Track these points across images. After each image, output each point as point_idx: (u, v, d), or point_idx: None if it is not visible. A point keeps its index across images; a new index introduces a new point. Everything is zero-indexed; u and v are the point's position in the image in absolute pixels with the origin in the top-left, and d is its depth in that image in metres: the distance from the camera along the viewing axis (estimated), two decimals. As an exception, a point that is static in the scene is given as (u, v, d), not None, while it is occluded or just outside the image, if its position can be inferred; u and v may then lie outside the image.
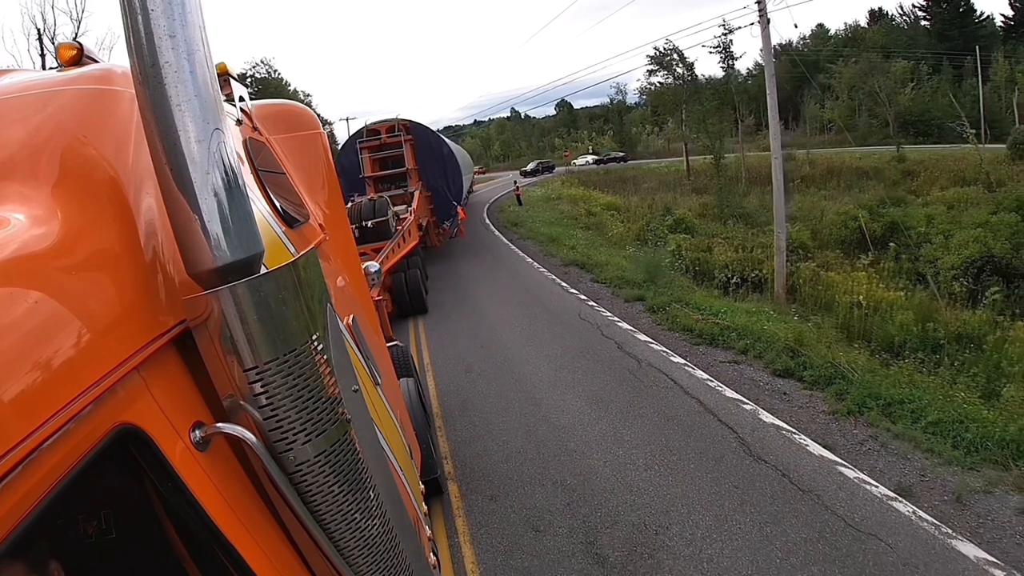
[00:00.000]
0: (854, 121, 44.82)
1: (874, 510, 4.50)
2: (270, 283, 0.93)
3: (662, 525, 4.56)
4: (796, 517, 4.47)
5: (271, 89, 41.72)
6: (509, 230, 21.88)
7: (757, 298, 12.17)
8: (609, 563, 4.22)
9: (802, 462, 5.19)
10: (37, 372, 0.65)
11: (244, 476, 0.99)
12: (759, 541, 4.26)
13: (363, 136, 16.91)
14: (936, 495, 4.71)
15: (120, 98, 1.06)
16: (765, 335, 8.10)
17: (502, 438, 6.26)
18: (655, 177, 38.82)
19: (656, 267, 12.55)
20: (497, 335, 9.69)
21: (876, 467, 5.11)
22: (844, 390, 6.42)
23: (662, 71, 38.42)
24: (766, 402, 6.43)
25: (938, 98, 41.87)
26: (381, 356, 2.81)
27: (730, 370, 7.36)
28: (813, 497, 4.69)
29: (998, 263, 14.54)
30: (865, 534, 4.23)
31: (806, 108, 50.14)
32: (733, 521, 4.50)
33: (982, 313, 10.44)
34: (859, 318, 9.75)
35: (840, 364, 6.95)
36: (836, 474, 4.99)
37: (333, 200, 2.79)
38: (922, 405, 5.92)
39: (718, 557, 4.16)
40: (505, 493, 5.27)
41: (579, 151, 65.32)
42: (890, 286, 11.81)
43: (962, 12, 48.93)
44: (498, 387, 7.55)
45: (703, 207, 25.69)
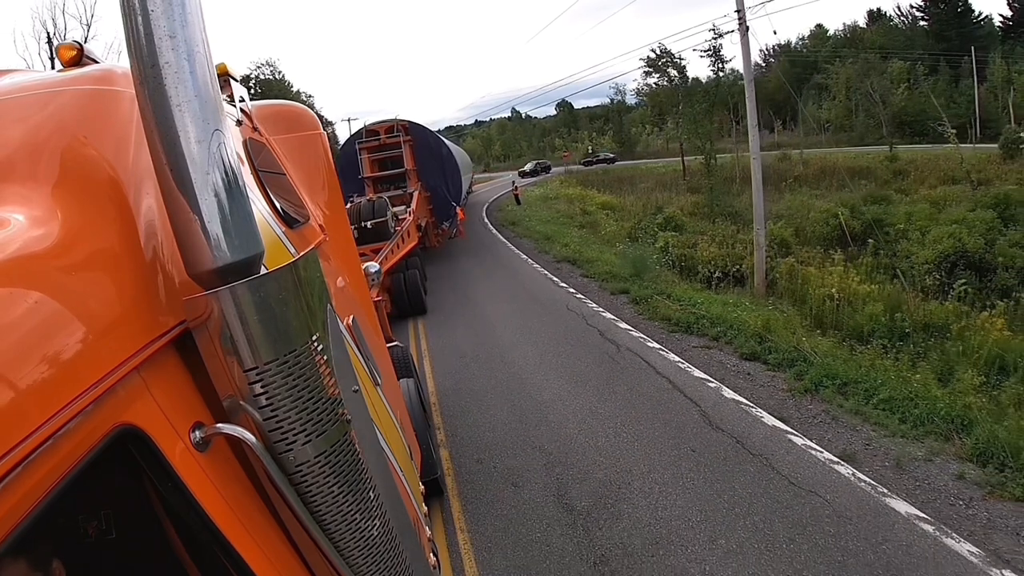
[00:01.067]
0: (851, 121, 44.94)
1: (816, 472, 4.98)
2: (270, 284, 0.93)
3: (625, 481, 5.14)
4: (744, 476, 4.99)
5: (275, 90, 41.92)
6: (506, 228, 22.50)
7: (738, 291, 12.76)
8: (576, 512, 4.84)
9: (755, 431, 5.72)
10: (37, 372, 0.65)
11: (244, 476, 0.99)
12: (709, 495, 4.80)
13: (362, 137, 16.87)
14: (878, 461, 5.15)
15: (120, 98, 1.06)
16: (737, 323, 8.64)
17: (489, 412, 6.88)
18: (653, 177, 39.21)
19: (642, 263, 13.07)
20: (490, 324, 10.37)
21: (825, 436, 5.61)
22: (804, 371, 6.88)
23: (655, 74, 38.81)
24: (730, 381, 6.96)
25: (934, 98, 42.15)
26: (381, 356, 2.81)
27: (701, 354, 7.95)
28: (762, 460, 5.21)
29: (971, 258, 15.08)
30: (805, 491, 4.72)
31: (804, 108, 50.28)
32: (688, 479, 5.07)
33: (949, 304, 10.99)
34: (831, 309, 10.33)
35: (803, 348, 7.47)
36: (785, 441, 5.51)
37: (333, 200, 2.79)
38: (876, 385, 6.32)
39: (671, 507, 4.73)
40: (490, 456, 5.90)
41: (579, 151, 65.40)
42: (865, 280, 12.29)
43: (960, 12, 48.96)
44: (488, 369, 8.20)
45: (694, 206, 26.32)
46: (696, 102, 32.10)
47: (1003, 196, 19.25)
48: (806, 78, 51.14)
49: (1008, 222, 17.39)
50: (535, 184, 42.59)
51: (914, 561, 3.93)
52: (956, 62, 42.99)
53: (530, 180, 48.19)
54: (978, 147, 31.38)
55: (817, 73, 48.29)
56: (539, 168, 56.23)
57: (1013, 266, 14.45)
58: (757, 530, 4.35)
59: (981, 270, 14.66)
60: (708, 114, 31.09)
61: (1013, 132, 28.34)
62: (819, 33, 59.36)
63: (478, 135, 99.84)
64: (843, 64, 44.88)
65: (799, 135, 45.83)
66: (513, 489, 5.27)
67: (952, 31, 47.26)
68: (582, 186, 36.31)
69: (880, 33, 52.42)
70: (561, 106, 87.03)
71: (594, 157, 57.07)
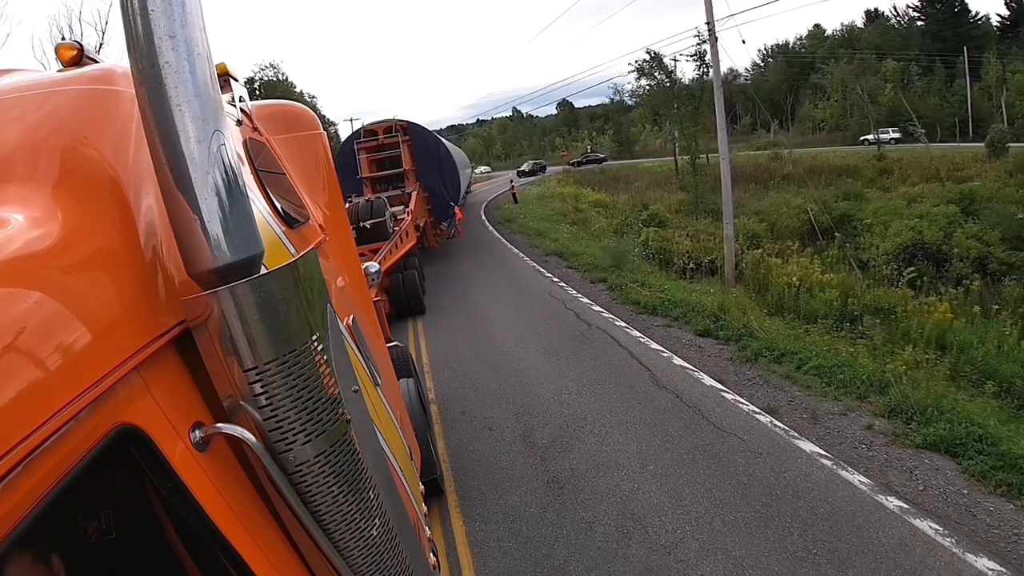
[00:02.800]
0: (846, 121, 45.10)
1: (740, 420, 5.94)
2: (270, 283, 0.92)
3: (579, 426, 6.22)
4: (678, 422, 6.04)
5: (278, 92, 42.18)
6: (502, 225, 23.52)
7: (710, 281, 13.86)
8: (537, 447, 5.97)
9: (694, 389, 6.74)
10: (37, 372, 0.65)
11: (244, 476, 0.99)
12: (646, 435, 5.86)
13: (360, 137, 16.82)
14: (796, 414, 6.05)
15: (120, 98, 1.06)
16: (696, 305, 9.78)
17: (474, 377, 8.02)
18: (648, 176, 39.85)
19: (622, 255, 14.15)
20: (480, 309, 11.51)
21: (754, 395, 6.53)
22: (748, 345, 7.84)
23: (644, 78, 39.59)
24: (682, 352, 8.00)
25: (927, 98, 42.43)
26: (381, 357, 2.81)
27: (661, 331, 9.03)
28: (695, 410, 6.22)
29: (928, 249, 16.11)
30: (727, 433, 5.69)
31: (801, 108, 50.43)
32: (631, 424, 6.11)
33: (898, 291, 11.95)
34: (791, 295, 11.31)
35: (752, 326, 8.47)
36: (718, 397, 6.50)
37: (333, 200, 2.79)
38: (809, 355, 7.22)
39: (614, 444, 5.79)
40: (472, 410, 7.02)
41: (578, 151, 65.61)
42: (828, 270, 13.18)
43: (956, 12, 49.00)
44: (475, 344, 9.36)
45: (680, 203, 27.41)
46: (682, 104, 32.74)
47: (968, 192, 20.57)
48: (804, 78, 51.21)
49: (971, 216, 18.45)
50: (533, 183, 43.57)
51: (809, 485, 4.77)
52: (952, 62, 43.09)
53: (528, 179, 49.06)
54: (961, 146, 32.22)
55: (814, 73, 48.40)
56: (536, 168, 57.06)
57: (968, 256, 15.39)
58: (681, 460, 5.34)
59: (938, 260, 15.72)
60: (693, 116, 31.52)
61: (998, 131, 28.96)
62: (817, 33, 59.41)
63: (479, 134, 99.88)
64: (838, 64, 45.03)
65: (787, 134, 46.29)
66: (488, 432, 6.41)
67: (948, 31, 47.34)
68: (578, 185, 37.12)
69: (877, 33, 52.51)
70: (561, 105, 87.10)
71: (583, 158, 57.86)
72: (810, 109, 48.73)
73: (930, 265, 15.30)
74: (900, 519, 4.39)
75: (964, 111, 39.91)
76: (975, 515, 4.43)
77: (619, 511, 4.77)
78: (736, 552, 4.16)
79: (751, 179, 29.48)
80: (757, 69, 66.11)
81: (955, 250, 15.83)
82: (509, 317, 10.55)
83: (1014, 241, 16.12)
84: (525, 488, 5.25)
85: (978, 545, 4.13)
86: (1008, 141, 28.16)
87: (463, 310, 11.56)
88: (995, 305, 11.17)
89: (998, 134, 28.56)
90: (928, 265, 15.22)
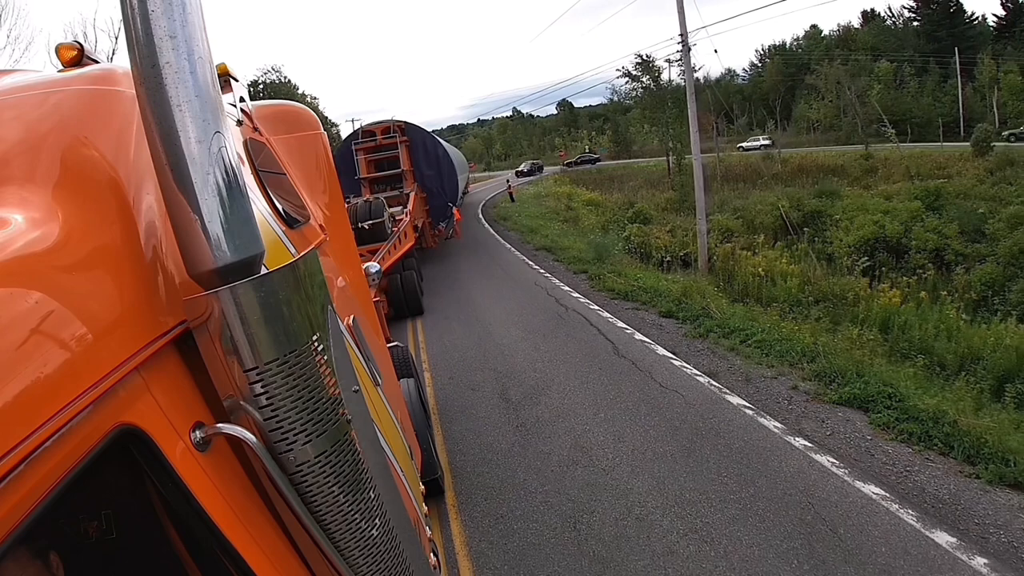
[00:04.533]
0: (839, 121, 45.31)
1: (683, 380, 7.06)
2: (270, 283, 0.92)
3: (548, 385, 7.43)
4: (630, 381, 7.19)
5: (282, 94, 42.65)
6: (497, 223, 24.76)
7: (685, 272, 14.87)
8: (511, 401, 7.15)
9: (648, 357, 7.92)
10: (38, 372, 0.65)
11: (244, 477, 0.99)
12: (601, 392, 7.02)
13: (358, 138, 16.76)
14: (733, 376, 7.05)
15: (120, 98, 1.06)
16: (664, 291, 11.01)
17: (463, 351, 9.28)
18: (642, 176, 40.47)
19: (604, 249, 15.34)
20: (471, 297, 12.72)
21: (699, 362, 7.65)
22: (703, 323, 8.97)
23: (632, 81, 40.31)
24: (644, 330, 9.15)
25: (920, 98, 42.73)
26: (381, 357, 2.80)
27: (629, 313, 10.19)
28: (646, 373, 7.36)
29: (889, 242, 17.41)
30: (669, 390, 6.79)
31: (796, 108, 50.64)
32: (590, 384, 7.30)
33: (852, 279, 13.09)
34: (755, 284, 12.45)
35: (710, 309, 9.62)
36: (667, 363, 7.67)
37: (333, 200, 2.79)
38: (755, 332, 8.23)
39: (574, 398, 6.96)
40: (459, 376, 8.26)
41: (577, 151, 65.90)
42: (794, 262, 14.40)
43: (952, 12, 49.01)
44: (466, 326, 10.63)
45: (667, 201, 28.55)
46: (667, 107, 33.29)
47: (933, 188, 21.65)
48: (800, 78, 51.33)
49: (936, 211, 19.56)
50: (530, 183, 44.64)
51: (730, 428, 5.83)
52: (946, 62, 43.17)
53: (525, 179, 50.19)
54: (945, 146, 32.96)
55: (809, 73, 48.62)
56: (534, 168, 58.08)
57: (925, 248, 16.64)
58: (627, 409, 6.47)
59: (898, 252, 17.08)
60: (678, 118, 32.02)
61: (983, 131, 29.45)
62: (814, 34, 59.46)
63: (480, 134, 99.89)
64: (831, 65, 45.30)
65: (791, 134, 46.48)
66: (471, 391, 7.65)
67: (943, 31, 47.42)
68: (573, 184, 38.18)
69: (872, 34, 52.59)
70: (561, 105, 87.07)
71: (578, 158, 58.79)
72: (805, 109, 48.95)
73: (890, 256, 16.65)
74: (803, 454, 5.29)
75: (956, 111, 40.04)
76: (872, 455, 5.27)
77: (571, 445, 5.92)
78: (660, 474, 5.22)
79: (740, 178, 30.04)
80: (755, 69, 66.19)
81: (913, 242, 17.17)
82: (497, 303, 11.83)
83: (972, 234, 17.20)
84: (498, 431, 6.46)
85: (869, 476, 4.91)
86: (992, 140, 28.70)
87: (456, 297, 12.76)
88: (943, 291, 12.16)
89: (983, 133, 29.13)
90: (888, 256, 16.60)
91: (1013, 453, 4.92)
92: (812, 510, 4.54)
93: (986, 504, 4.55)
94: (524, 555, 4.48)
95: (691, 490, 4.90)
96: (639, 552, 4.32)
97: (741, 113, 60.00)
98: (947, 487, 4.78)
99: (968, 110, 39.67)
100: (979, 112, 38.98)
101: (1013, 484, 4.68)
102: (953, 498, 4.65)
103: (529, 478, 5.43)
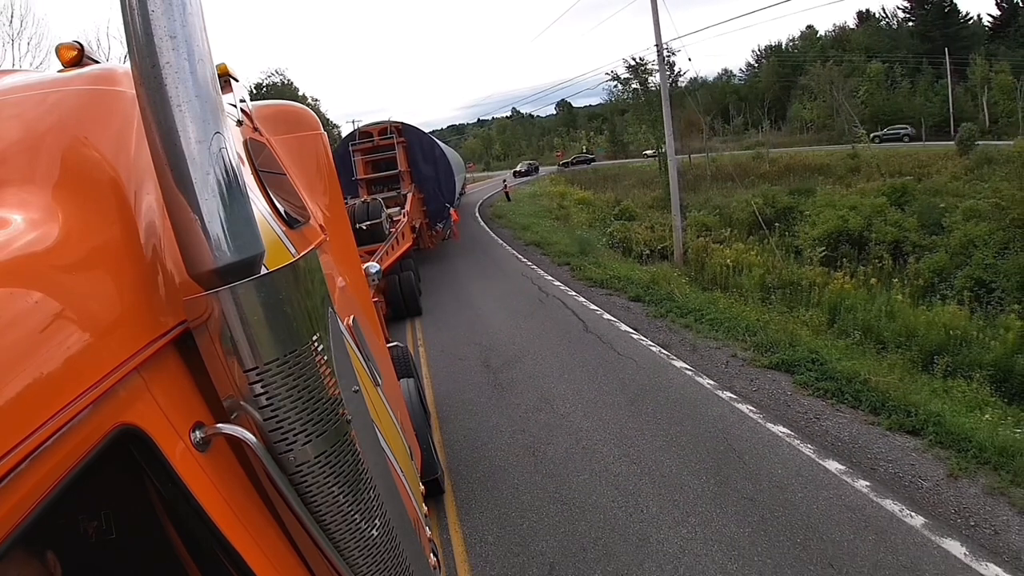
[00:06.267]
0: (832, 121, 45.55)
1: (638, 349, 8.32)
2: (271, 284, 0.92)
3: (523, 355, 8.66)
4: (593, 351, 8.41)
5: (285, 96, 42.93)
6: (493, 221, 25.91)
7: (662, 264, 16.22)
8: (491, 367, 8.41)
9: (612, 332, 9.15)
10: (38, 372, 0.65)
11: (244, 477, 0.99)
12: (568, 359, 8.26)
13: (355, 139, 16.74)
14: (682, 348, 8.29)
15: (120, 98, 1.06)
16: (635, 280, 12.25)
17: (453, 330, 10.53)
18: (635, 175, 41.14)
19: (588, 243, 16.83)
20: (464, 286, 13.97)
21: (657, 337, 8.84)
22: (665, 306, 10.19)
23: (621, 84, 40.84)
24: (613, 312, 10.35)
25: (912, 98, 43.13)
26: (381, 357, 2.80)
27: (602, 298, 11.38)
28: (608, 345, 8.58)
29: (851, 235, 18.65)
30: (625, 357, 8.02)
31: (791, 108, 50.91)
32: (559, 354, 8.50)
33: (810, 269, 14.60)
34: (723, 273, 13.68)
35: (673, 293, 10.92)
36: (628, 337, 8.88)
37: (334, 201, 2.79)
38: (709, 312, 9.47)
39: (545, 364, 8.17)
40: (449, 350, 9.54)
41: (575, 151, 66.17)
42: (764, 254, 15.71)
43: (947, 13, 49.08)
44: (457, 310, 11.84)
45: (654, 200, 29.67)
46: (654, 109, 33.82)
47: (900, 186, 23.14)
48: (795, 79, 51.50)
49: (902, 206, 21.01)
50: (526, 183, 46.16)
51: (671, 385, 6.99)
52: (940, 63, 43.30)
53: (522, 179, 51.50)
54: (928, 145, 34.10)
55: (803, 75, 48.86)
56: (531, 168, 59.06)
57: (884, 240, 17.89)
58: (587, 372, 7.70)
59: (860, 244, 18.28)
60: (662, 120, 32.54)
61: (967, 130, 30.04)
62: (809, 34, 59.57)
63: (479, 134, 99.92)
64: (823, 66, 45.58)
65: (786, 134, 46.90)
66: (459, 360, 8.94)
67: (937, 31, 47.52)
68: (568, 184, 39.11)
69: (867, 34, 52.69)
70: (560, 105, 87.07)
71: (574, 159, 59.68)
72: (799, 109, 49.21)
73: (852, 248, 17.88)
74: (728, 404, 6.37)
75: (946, 111, 40.28)
76: (789, 406, 6.28)
77: (537, 398, 7.14)
78: (607, 417, 6.38)
79: (729, 177, 30.46)
80: (751, 69, 66.30)
81: (874, 235, 18.33)
82: (486, 290, 13.17)
83: (932, 227, 18.39)
84: (479, 389, 7.70)
85: (781, 421, 5.96)
86: (976, 139, 29.40)
87: (450, 286, 14.05)
88: (895, 279, 13.59)
89: (967, 132, 29.76)
90: (851, 248, 17.86)
91: (915, 406, 5.84)
92: (725, 443, 5.59)
93: (881, 444, 5.41)
94: (493, 473, 5.72)
95: (630, 428, 6.08)
96: (582, 470, 5.49)
97: (737, 113, 60.17)
98: (848, 430, 5.69)
99: (958, 110, 39.90)
100: (970, 112, 39.19)
101: (911, 431, 5.55)
102: (852, 439, 5.54)
103: (501, 422, 6.68)
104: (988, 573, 3.86)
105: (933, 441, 5.32)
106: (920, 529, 4.29)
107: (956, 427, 5.44)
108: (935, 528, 4.29)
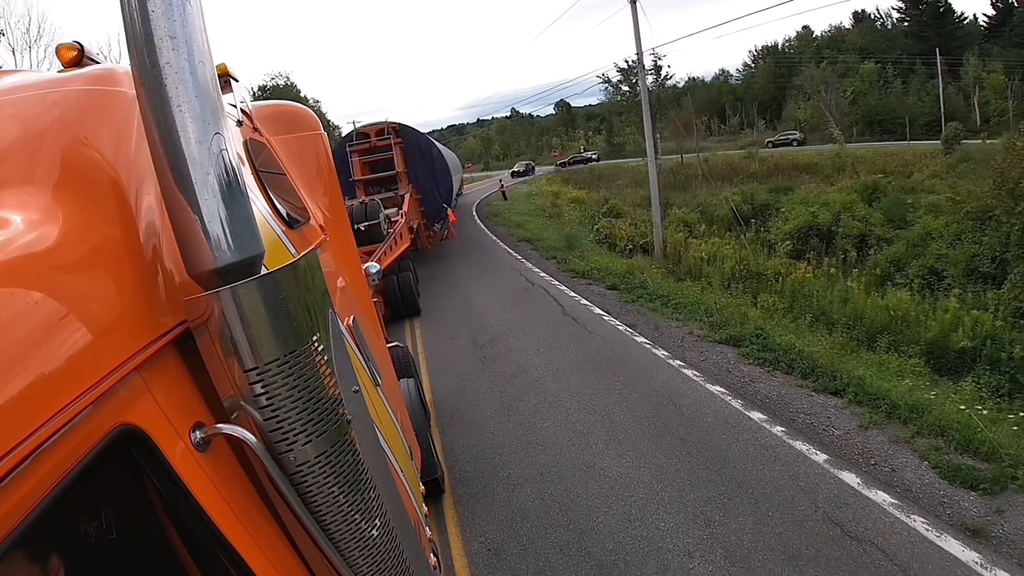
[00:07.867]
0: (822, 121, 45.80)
1: (607, 328, 9.56)
2: (271, 284, 0.92)
3: (506, 334, 9.93)
4: (568, 330, 9.68)
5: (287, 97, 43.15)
6: (489, 219, 27.04)
7: (643, 258, 17.27)
8: (478, 344, 9.69)
9: (586, 315, 10.40)
10: (38, 372, 0.65)
11: (244, 477, 0.99)
12: (545, 336, 9.54)
13: (352, 139, 16.73)
14: (647, 327, 9.44)
15: (120, 98, 1.06)
16: (613, 270, 13.52)
17: (447, 315, 11.85)
18: (630, 175, 41.43)
19: (575, 239, 18.25)
20: (458, 279, 15.22)
21: (625, 318, 9.99)
22: (637, 292, 11.42)
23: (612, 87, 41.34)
24: (590, 298, 11.50)
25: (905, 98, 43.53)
26: (381, 357, 2.80)
27: (582, 287, 12.63)
28: (580, 324, 9.84)
29: (820, 229, 19.99)
30: (595, 335, 9.25)
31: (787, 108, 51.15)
32: (538, 333, 9.73)
33: (777, 261, 15.84)
34: (697, 265, 14.71)
35: (646, 282, 12.17)
36: (602, 320, 10.05)
37: (334, 201, 2.79)
38: (675, 298, 10.78)
39: (525, 340, 9.43)
40: (442, 329, 10.89)
41: (574, 151, 66.31)
42: (741, 248, 16.79)
43: (941, 13, 49.13)
44: (450, 299, 13.13)
45: (643, 198, 30.46)
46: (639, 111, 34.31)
47: (871, 183, 24.24)
48: (791, 79, 51.64)
49: (872, 203, 22.03)
50: (524, 182, 47.41)
51: (631, 357, 8.19)
52: (933, 63, 43.43)
53: (520, 179, 52.28)
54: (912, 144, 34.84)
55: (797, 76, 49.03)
56: (528, 169, 59.53)
57: (850, 234, 19.05)
58: (560, 347, 8.93)
59: (829, 238, 19.61)
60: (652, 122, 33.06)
61: (953, 129, 30.65)
62: (805, 35, 59.67)
63: (479, 135, 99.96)
64: (818, 67, 45.71)
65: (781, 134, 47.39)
66: (451, 339, 10.25)
67: (931, 32, 47.61)
68: (563, 184, 39.86)
69: (862, 35, 52.76)
70: (559, 106, 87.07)
71: (571, 159, 60.09)
72: (794, 109, 49.40)
73: (821, 242, 19.20)
74: (676, 370, 7.52)
75: (937, 110, 40.46)
76: (729, 372, 7.36)
77: (515, 367, 8.39)
78: (572, 381, 7.57)
79: (719, 177, 30.72)
80: (747, 69, 66.42)
81: (841, 229, 19.49)
82: (478, 282, 14.49)
83: (899, 222, 19.39)
84: (467, 362, 8.99)
85: (719, 382, 7.04)
86: (962, 138, 29.98)
87: (445, 278, 15.32)
88: (855, 269, 14.72)
89: (952, 131, 30.27)
90: (819, 242, 19.20)
91: (841, 372, 6.75)
92: (668, 398, 6.73)
93: (804, 401, 6.32)
94: (474, 425, 6.87)
95: (589, 388, 7.30)
96: (546, 419, 6.68)
97: (734, 113, 60.35)
98: (778, 391, 6.63)
99: (950, 109, 40.06)
100: (962, 111, 39.34)
101: (834, 392, 6.40)
102: (779, 397, 6.49)
103: (482, 386, 7.94)
104: (877, 498, 4.57)
105: (852, 400, 6.15)
106: (822, 464, 5.13)
107: (875, 389, 6.23)
108: (836, 464, 5.11)
